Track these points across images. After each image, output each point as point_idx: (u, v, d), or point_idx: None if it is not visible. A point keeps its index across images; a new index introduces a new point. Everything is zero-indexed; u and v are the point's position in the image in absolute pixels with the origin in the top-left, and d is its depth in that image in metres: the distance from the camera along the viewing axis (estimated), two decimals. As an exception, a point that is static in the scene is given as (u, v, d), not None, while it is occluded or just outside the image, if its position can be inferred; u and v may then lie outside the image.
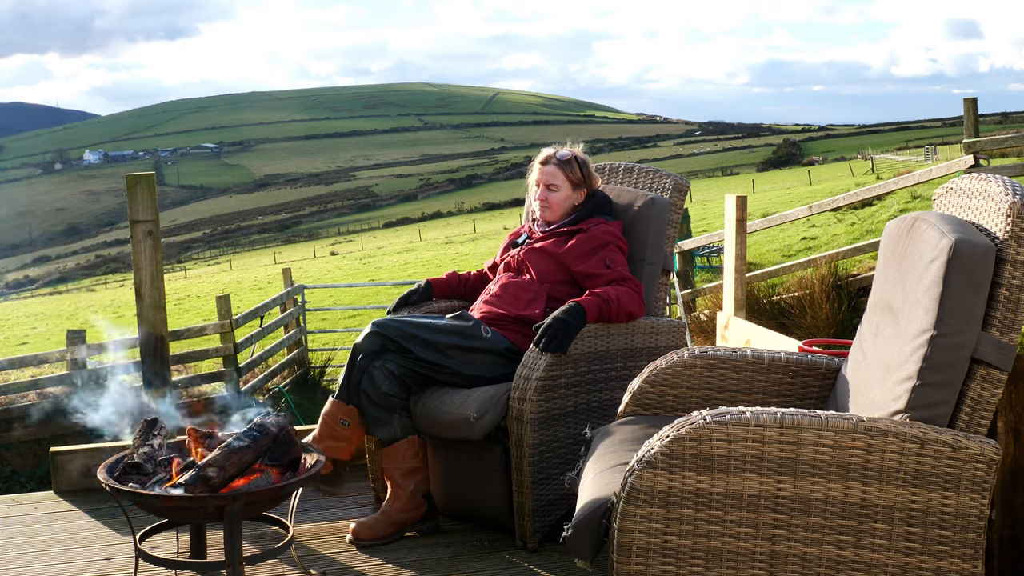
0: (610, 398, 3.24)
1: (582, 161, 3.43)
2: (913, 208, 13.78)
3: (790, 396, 2.62)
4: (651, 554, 2.00)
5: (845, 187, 25.44)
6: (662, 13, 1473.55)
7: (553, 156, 3.42)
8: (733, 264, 7.00)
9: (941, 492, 1.97)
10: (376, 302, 17.35)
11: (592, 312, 3.11)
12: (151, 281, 4.35)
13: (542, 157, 3.45)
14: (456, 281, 3.65)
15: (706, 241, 12.10)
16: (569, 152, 3.44)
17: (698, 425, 1.95)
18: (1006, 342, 1.96)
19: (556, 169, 3.39)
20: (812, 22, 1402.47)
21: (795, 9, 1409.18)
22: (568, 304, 3.10)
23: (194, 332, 10.26)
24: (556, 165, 3.39)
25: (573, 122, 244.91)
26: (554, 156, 3.42)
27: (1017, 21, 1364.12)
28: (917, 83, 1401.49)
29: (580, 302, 3.11)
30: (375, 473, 3.50)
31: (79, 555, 3.18)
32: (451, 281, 3.65)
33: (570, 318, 3.06)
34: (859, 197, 10.35)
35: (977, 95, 11.17)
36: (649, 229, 3.43)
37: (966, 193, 2.25)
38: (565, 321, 3.05)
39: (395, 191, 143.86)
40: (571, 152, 3.44)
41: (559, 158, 3.41)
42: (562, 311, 3.08)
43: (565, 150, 3.45)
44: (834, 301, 8.47)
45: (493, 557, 3.04)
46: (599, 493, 2.14)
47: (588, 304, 3.11)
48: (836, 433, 1.94)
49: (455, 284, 3.65)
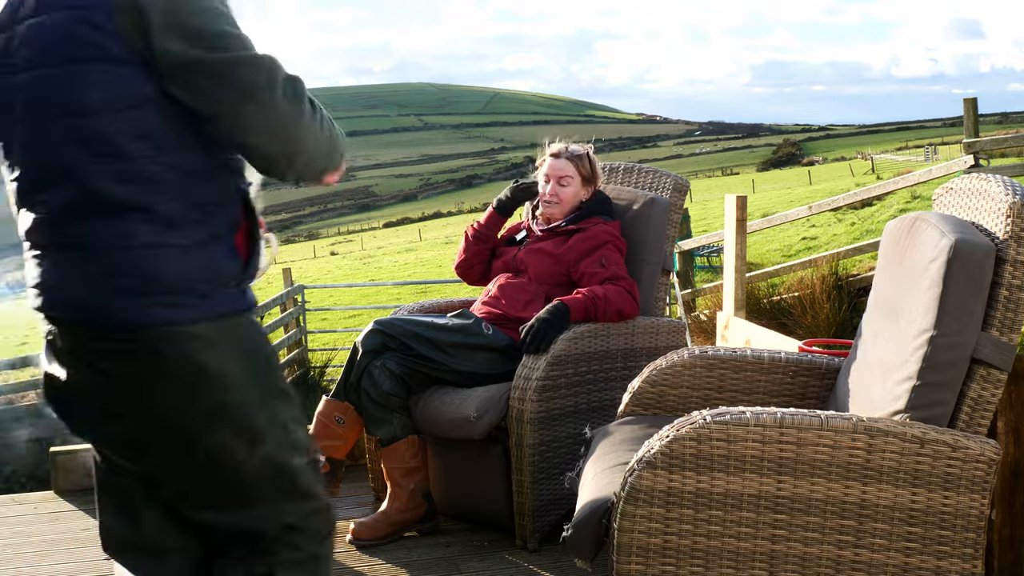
0: (610, 398, 3.24)
1: (592, 158, 3.42)
2: (913, 208, 13.78)
3: (790, 396, 2.62)
4: (651, 554, 2.00)
5: (845, 187, 25.45)
6: (664, 13, 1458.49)
7: (565, 150, 3.39)
8: (733, 264, 7.00)
9: (941, 492, 1.97)
10: (376, 302, 17.35)
11: (577, 310, 3.10)
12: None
13: (553, 150, 3.40)
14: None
15: (706, 241, 12.10)
16: (582, 147, 3.42)
17: (698, 425, 1.95)
18: (1006, 342, 1.96)
19: (568, 163, 3.37)
20: (813, 22, 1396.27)
21: (797, 9, 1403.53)
22: (553, 303, 3.10)
23: (194, 332, 10.25)
24: (568, 159, 3.37)
25: (573, 122, 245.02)
26: (566, 150, 3.39)
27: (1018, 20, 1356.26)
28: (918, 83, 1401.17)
29: (565, 300, 3.10)
30: (375, 473, 3.50)
31: (79, 555, 3.18)
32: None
33: (552, 318, 3.06)
34: (859, 197, 10.35)
35: (977, 95, 11.17)
36: (649, 229, 3.43)
37: (966, 193, 2.25)
38: (546, 320, 3.05)
39: (395, 191, 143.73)
40: (584, 147, 3.42)
41: (572, 152, 3.38)
42: (545, 311, 3.08)
43: (576, 145, 3.43)
44: (834, 301, 8.47)
45: (493, 557, 3.04)
46: (599, 493, 2.14)
47: (573, 303, 3.10)
48: (836, 433, 1.94)
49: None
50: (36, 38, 1.53)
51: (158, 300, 1.52)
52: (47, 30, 1.51)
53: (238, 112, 1.53)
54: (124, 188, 1.51)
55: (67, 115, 1.51)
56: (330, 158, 1.68)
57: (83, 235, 1.52)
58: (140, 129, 1.51)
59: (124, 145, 1.50)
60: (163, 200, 1.53)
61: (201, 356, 1.55)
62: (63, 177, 1.52)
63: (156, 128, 1.52)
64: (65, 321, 1.57)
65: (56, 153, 1.51)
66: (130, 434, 1.61)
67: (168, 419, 1.57)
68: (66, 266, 1.55)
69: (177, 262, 1.54)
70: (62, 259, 1.56)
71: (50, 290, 1.58)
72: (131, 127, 1.50)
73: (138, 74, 1.49)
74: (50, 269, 1.57)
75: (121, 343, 1.53)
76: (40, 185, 1.56)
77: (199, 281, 1.55)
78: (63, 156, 1.51)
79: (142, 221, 1.52)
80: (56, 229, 1.55)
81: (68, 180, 1.51)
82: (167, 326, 1.52)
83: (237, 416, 1.61)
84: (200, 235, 1.57)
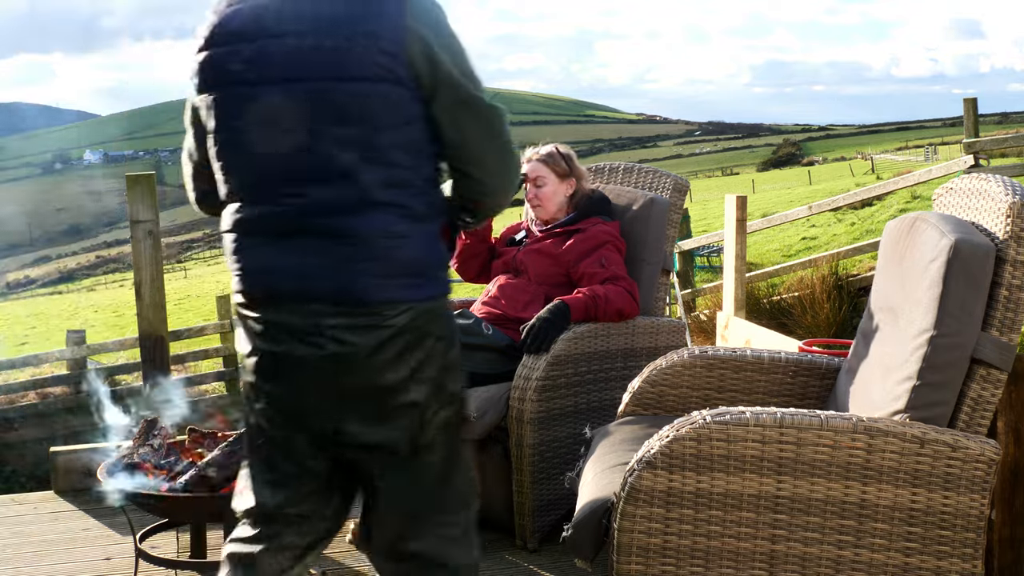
0: (610, 398, 3.24)
1: (565, 153, 3.45)
2: (913, 208, 13.78)
3: (790, 396, 2.62)
4: (651, 554, 2.00)
5: (845, 187, 25.43)
6: (664, 13, 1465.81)
7: (536, 154, 3.45)
8: (733, 264, 7.00)
9: (941, 492, 1.97)
10: (376, 302, 17.27)
11: (578, 310, 3.11)
12: (151, 281, 4.35)
13: (526, 156, 3.47)
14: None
15: (706, 241, 12.10)
16: (552, 147, 3.46)
17: (698, 425, 1.95)
18: (1006, 342, 1.96)
19: (538, 164, 3.41)
20: (813, 22, 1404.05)
21: (797, 9, 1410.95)
22: (554, 302, 3.10)
23: (194, 332, 10.26)
24: (538, 161, 3.42)
25: (573, 122, 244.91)
26: (536, 153, 3.45)
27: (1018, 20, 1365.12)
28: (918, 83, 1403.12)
29: (565, 300, 3.10)
30: (375, 473, 3.50)
31: (79, 555, 3.18)
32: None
33: (553, 317, 3.06)
34: (859, 197, 10.36)
35: (977, 95, 11.17)
36: (649, 229, 3.43)
37: (966, 193, 2.25)
38: (547, 320, 3.05)
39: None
40: (553, 146, 3.46)
41: (540, 154, 3.44)
42: (546, 310, 3.08)
43: (547, 146, 3.47)
44: (834, 301, 8.47)
45: (493, 557, 3.04)
46: (599, 493, 2.14)
47: (574, 302, 3.11)
48: (836, 433, 1.94)
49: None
50: (310, 55, 1.72)
51: (401, 281, 1.76)
52: (326, 49, 1.71)
53: (483, 147, 1.84)
54: (389, 191, 1.74)
55: (350, 124, 1.72)
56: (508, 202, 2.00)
57: (347, 226, 1.74)
58: (406, 142, 1.76)
59: (393, 154, 1.74)
60: (414, 201, 1.78)
61: (430, 327, 1.81)
62: (336, 176, 1.73)
63: (416, 143, 1.77)
64: (304, 299, 1.74)
65: (330, 156, 1.72)
66: (364, 399, 1.79)
67: (402, 383, 1.78)
68: (317, 252, 1.75)
69: (419, 250, 1.79)
70: (312, 246, 1.75)
71: (288, 273, 1.76)
72: (401, 140, 1.75)
73: (414, 96, 1.74)
74: (290, 254, 1.76)
75: (365, 317, 1.73)
76: (296, 181, 1.75)
77: (430, 267, 1.82)
78: (339, 159, 1.72)
79: (401, 216, 1.76)
80: (311, 220, 1.75)
81: (341, 179, 1.73)
82: (408, 303, 1.77)
83: (448, 379, 1.87)
84: (433, 229, 1.83)
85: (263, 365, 1.81)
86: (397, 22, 1.71)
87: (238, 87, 1.76)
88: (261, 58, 1.74)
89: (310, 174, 1.74)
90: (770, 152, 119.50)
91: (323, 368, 1.75)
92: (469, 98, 1.78)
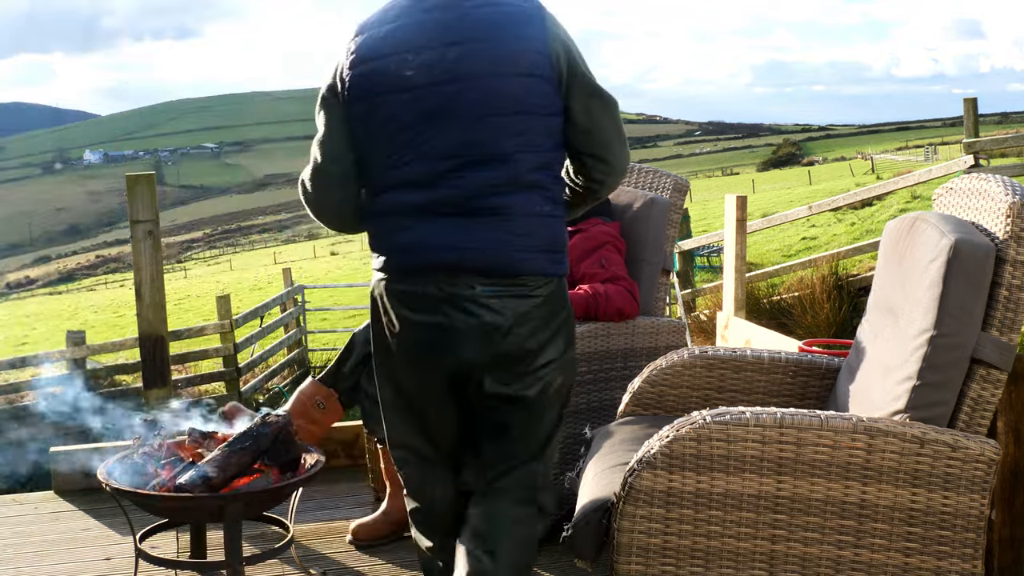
0: (610, 398, 3.24)
1: None
2: (913, 208, 13.78)
3: (790, 396, 2.62)
4: (651, 554, 2.00)
5: (845, 187, 25.44)
6: (665, 13, 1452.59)
7: None
8: (733, 264, 7.01)
9: (941, 492, 1.97)
10: (376, 302, 17.26)
11: (578, 306, 3.11)
12: (151, 281, 4.35)
13: None
14: None
15: (706, 241, 12.11)
16: None
17: (698, 425, 1.95)
18: (1006, 342, 1.96)
19: None
20: (813, 22, 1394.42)
21: (797, 9, 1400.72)
22: None
23: (194, 332, 10.26)
24: None
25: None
26: None
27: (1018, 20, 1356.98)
28: (918, 83, 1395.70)
29: None
30: (375, 473, 3.50)
31: (79, 555, 3.18)
32: None
33: None
34: (859, 197, 10.37)
35: (977, 95, 11.17)
36: (649, 229, 3.43)
37: (966, 193, 2.25)
38: None
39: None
40: None
41: None
42: None
43: None
44: (834, 301, 8.48)
45: (493, 557, 3.04)
46: (599, 493, 2.14)
47: (575, 299, 3.10)
48: (836, 433, 1.94)
49: None
50: (483, 56, 1.97)
51: (547, 257, 2.02)
52: (496, 52, 1.97)
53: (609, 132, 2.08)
54: (538, 173, 2.00)
55: (513, 114, 1.97)
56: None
57: (504, 205, 1.98)
58: (551, 131, 2.02)
59: (541, 141, 2.00)
60: (554, 184, 2.06)
61: (564, 299, 2.09)
62: (496, 160, 1.97)
63: (557, 132, 2.04)
64: (461, 271, 1.98)
65: (495, 142, 1.97)
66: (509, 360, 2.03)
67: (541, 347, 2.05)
68: (477, 229, 1.98)
69: (558, 230, 2.06)
70: (470, 224, 1.98)
71: (447, 248, 1.98)
72: (547, 128, 2.01)
73: (556, 91, 2.01)
74: (450, 231, 1.98)
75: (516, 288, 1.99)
76: (462, 167, 1.97)
77: (564, 245, 2.09)
78: (501, 144, 1.97)
79: (544, 197, 2.02)
80: (473, 200, 1.98)
81: (500, 162, 1.97)
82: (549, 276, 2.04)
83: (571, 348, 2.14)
84: (562, 212, 2.10)
85: (415, 334, 2.03)
86: (542, 27, 2.00)
87: (409, 91, 1.99)
88: (433, 63, 1.97)
89: (473, 158, 1.97)
90: (770, 152, 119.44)
91: (476, 333, 1.98)
92: (597, 89, 2.04)
